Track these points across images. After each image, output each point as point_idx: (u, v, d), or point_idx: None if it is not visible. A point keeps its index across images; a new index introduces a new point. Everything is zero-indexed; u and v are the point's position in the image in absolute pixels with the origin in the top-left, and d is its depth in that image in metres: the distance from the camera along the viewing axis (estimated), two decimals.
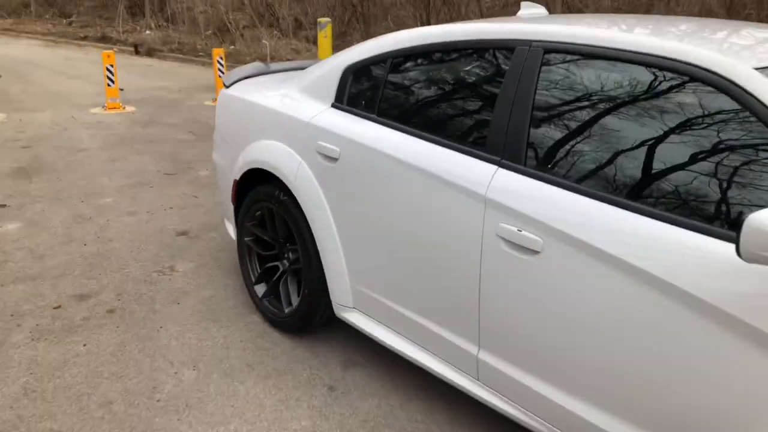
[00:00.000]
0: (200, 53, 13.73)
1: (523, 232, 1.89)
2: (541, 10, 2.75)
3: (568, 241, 1.79)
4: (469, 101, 2.24)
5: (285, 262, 2.95)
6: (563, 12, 10.64)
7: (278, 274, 2.98)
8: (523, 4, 2.78)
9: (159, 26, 17.77)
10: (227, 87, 3.31)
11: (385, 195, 2.34)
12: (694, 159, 1.65)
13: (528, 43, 2.08)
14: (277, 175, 2.77)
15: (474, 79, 2.25)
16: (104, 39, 16.69)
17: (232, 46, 13.85)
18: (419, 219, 2.22)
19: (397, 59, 2.49)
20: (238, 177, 3.05)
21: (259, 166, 2.87)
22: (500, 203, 1.96)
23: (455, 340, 2.20)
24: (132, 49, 15.21)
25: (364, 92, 2.59)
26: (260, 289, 3.07)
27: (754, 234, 1.30)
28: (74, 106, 8.29)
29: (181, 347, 2.84)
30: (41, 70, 11.57)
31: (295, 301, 2.88)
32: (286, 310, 2.91)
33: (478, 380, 2.17)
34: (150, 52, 14.71)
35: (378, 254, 2.42)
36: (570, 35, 2.00)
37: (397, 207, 2.30)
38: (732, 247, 1.49)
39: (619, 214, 1.72)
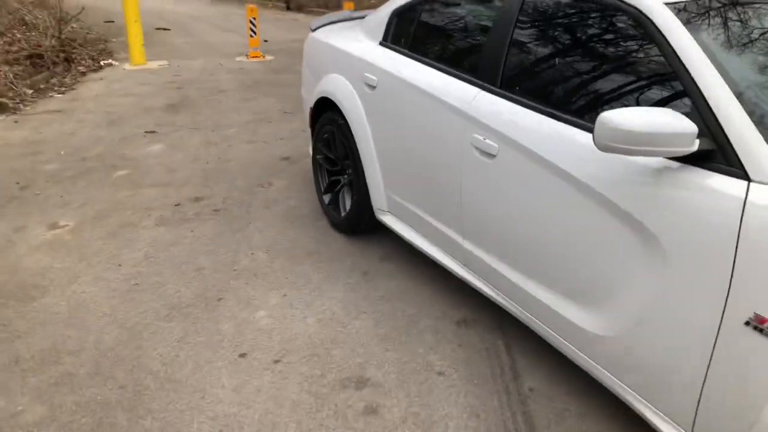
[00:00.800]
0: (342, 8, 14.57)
1: (486, 140, 2.36)
2: None
3: (512, 144, 2.24)
4: (471, 38, 2.70)
5: (345, 176, 3.59)
6: None
7: (339, 186, 3.64)
8: None
9: None
10: (313, 31, 3.97)
11: (405, 115, 2.88)
12: (602, 75, 2.04)
13: None
14: (336, 102, 3.39)
15: (475, 19, 2.71)
16: None
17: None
18: (427, 134, 2.74)
19: (426, 4, 2.99)
20: (312, 105, 3.72)
21: (326, 95, 3.51)
22: (475, 117, 2.44)
23: (450, 234, 2.73)
24: (284, 4, 16.44)
25: (402, 32, 3.12)
26: (326, 199, 3.75)
27: (601, 127, 1.71)
28: (223, 55, 9.45)
29: (262, 238, 3.61)
30: (203, 24, 13.05)
31: (348, 207, 3.53)
32: (342, 215, 3.57)
33: (464, 265, 2.69)
34: (300, 8, 15.84)
35: (401, 166, 2.98)
36: None
37: (412, 125, 2.83)
38: None
39: (543, 120, 2.15)
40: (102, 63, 8.63)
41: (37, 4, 9.40)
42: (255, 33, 9.12)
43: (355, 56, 3.30)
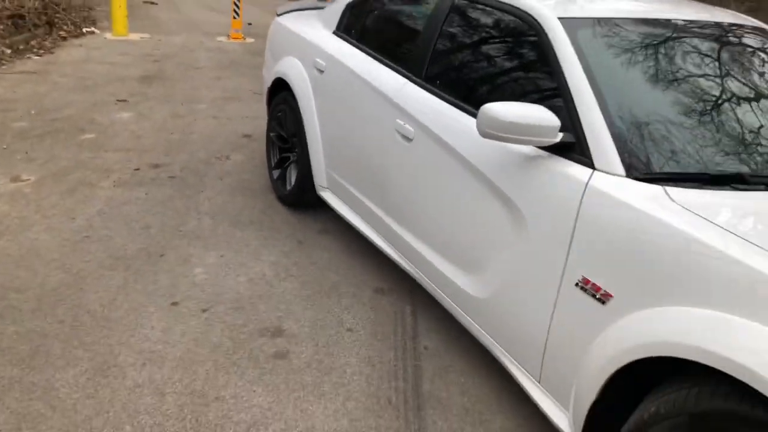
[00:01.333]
0: None
1: (405, 125, 2.65)
2: None
3: (425, 130, 2.53)
4: (407, 34, 2.99)
5: (294, 153, 3.86)
6: None
7: (288, 162, 3.90)
8: None
9: None
10: (278, 15, 4.22)
11: (346, 99, 3.15)
12: (499, 73, 2.33)
13: None
14: (288, 82, 3.65)
15: (413, 18, 2.99)
16: None
17: None
18: (362, 118, 3.02)
19: (376, 1, 3.27)
20: (269, 85, 3.98)
21: (281, 76, 3.77)
22: (399, 105, 2.72)
23: (375, 210, 3.01)
24: None
25: (353, 23, 3.40)
26: (275, 174, 4.02)
27: (482, 117, 2.00)
28: (205, 34, 9.64)
29: (210, 205, 3.87)
30: (191, 2, 13.18)
31: (293, 182, 3.80)
32: (288, 189, 3.84)
33: (386, 239, 2.97)
34: None
35: (340, 146, 3.26)
36: None
37: (351, 109, 3.11)
38: None
39: (450, 110, 2.45)
40: (84, 30, 8.78)
41: None
42: (238, 15, 9.32)
43: (310, 42, 3.57)
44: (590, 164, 1.92)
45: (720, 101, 2.11)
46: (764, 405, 1.38)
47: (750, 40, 2.46)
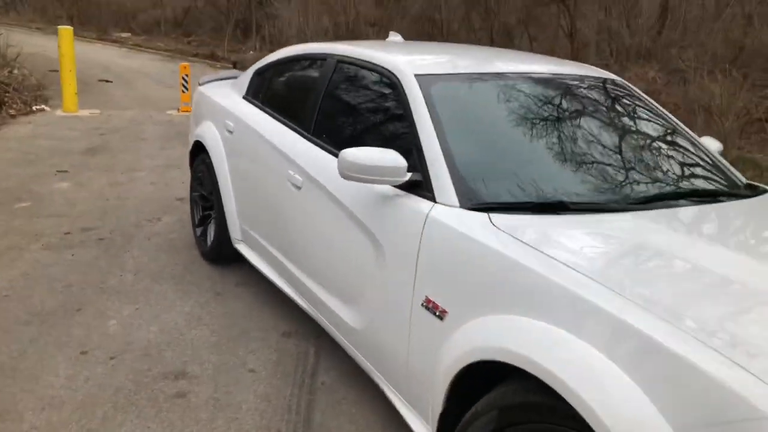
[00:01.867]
0: None
1: (295, 174, 2.90)
2: (398, 38, 3.74)
3: (309, 177, 2.78)
4: (300, 95, 3.28)
5: (213, 211, 4.07)
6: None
7: (209, 219, 4.11)
8: (390, 33, 3.79)
9: (262, 47, 19.82)
10: (201, 85, 4.52)
11: (251, 156, 3.41)
12: (365, 122, 2.62)
13: (330, 56, 3.09)
14: (204, 144, 3.91)
15: (304, 82, 3.30)
16: (212, 56, 18.89)
17: None
18: (263, 172, 3.27)
19: (275, 68, 3.59)
20: (190, 148, 4.23)
21: (199, 139, 4.03)
22: (290, 157, 2.98)
23: (277, 255, 3.21)
24: (231, 65, 17.18)
25: (258, 88, 3.70)
26: (198, 231, 4.21)
27: (341, 161, 2.26)
28: (156, 108, 9.97)
29: (135, 263, 4.03)
30: (147, 80, 13.60)
31: (212, 237, 4.00)
32: (208, 245, 4.03)
33: (289, 283, 3.17)
34: (245, 68, 16.57)
35: (249, 199, 3.49)
36: (349, 51, 3.00)
37: (255, 164, 3.36)
38: None
39: (327, 157, 2.71)
40: (34, 108, 9.03)
41: None
42: (186, 89, 9.69)
43: (222, 106, 3.85)
44: (433, 198, 2.17)
45: (549, 141, 2.41)
46: (551, 393, 1.58)
47: (587, 89, 2.80)
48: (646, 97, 3.02)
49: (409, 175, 2.23)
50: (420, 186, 2.24)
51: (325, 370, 2.96)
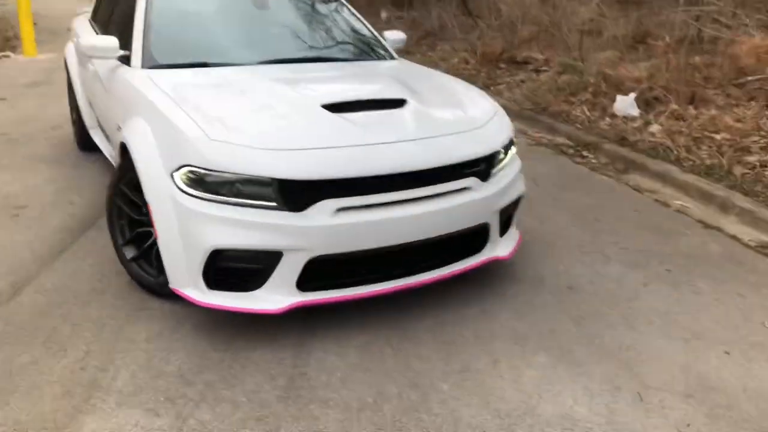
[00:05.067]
0: None
1: (93, 67, 4.21)
2: None
3: (95, 66, 4.10)
4: (107, 8, 4.57)
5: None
6: None
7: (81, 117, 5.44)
8: None
9: None
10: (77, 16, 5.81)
11: (84, 64, 4.72)
12: (124, 23, 3.92)
13: None
14: (67, 63, 5.23)
15: None
16: None
17: None
18: (88, 70, 4.58)
19: None
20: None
21: (64, 58, 5.35)
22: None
23: (101, 126, 4.55)
24: None
25: (96, 9, 4.98)
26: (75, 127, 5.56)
27: (77, 46, 3.55)
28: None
29: (27, 151, 5.40)
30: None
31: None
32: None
33: (104, 142, 4.50)
34: None
35: (89, 93, 4.81)
36: None
37: (83, 68, 4.67)
38: None
39: None
40: (0, 54, 10.39)
41: None
42: None
43: (76, 31, 5.14)
44: (129, 64, 3.47)
45: (223, 29, 3.70)
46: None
47: None
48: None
49: (121, 52, 3.52)
50: (129, 59, 3.53)
51: None
